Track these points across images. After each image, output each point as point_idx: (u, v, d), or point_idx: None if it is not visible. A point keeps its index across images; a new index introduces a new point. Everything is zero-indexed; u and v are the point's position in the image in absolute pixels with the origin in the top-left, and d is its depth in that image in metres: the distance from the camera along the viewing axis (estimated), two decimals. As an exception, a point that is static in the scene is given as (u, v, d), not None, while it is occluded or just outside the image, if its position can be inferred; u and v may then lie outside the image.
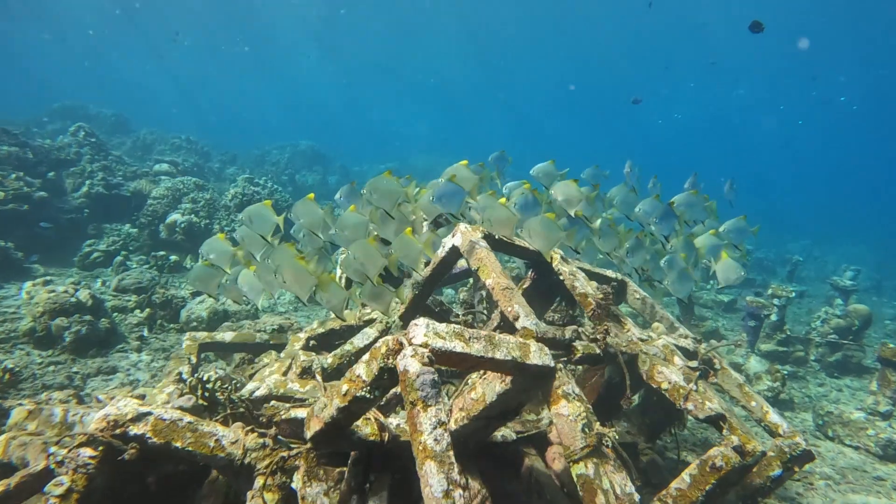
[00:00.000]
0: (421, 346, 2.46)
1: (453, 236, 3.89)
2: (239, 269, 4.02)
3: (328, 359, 4.06)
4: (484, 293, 5.48)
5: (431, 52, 54.22)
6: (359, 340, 4.16)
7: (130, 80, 47.90)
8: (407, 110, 68.61)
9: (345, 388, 2.66)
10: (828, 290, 15.55)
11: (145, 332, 6.95)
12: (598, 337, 3.56)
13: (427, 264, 5.09)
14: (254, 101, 58.74)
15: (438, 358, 2.50)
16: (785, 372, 7.91)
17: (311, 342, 4.57)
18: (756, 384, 7.06)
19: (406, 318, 4.15)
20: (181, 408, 3.25)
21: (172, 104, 45.62)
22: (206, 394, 3.33)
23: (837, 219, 35.74)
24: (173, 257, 9.94)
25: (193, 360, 4.72)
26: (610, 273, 5.12)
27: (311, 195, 3.90)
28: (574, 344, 3.47)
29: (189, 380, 3.38)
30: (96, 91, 36.94)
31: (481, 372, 3.10)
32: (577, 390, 3.04)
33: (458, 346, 2.54)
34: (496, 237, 4.00)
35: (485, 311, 5.35)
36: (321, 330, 4.56)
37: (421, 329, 2.48)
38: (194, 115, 41.38)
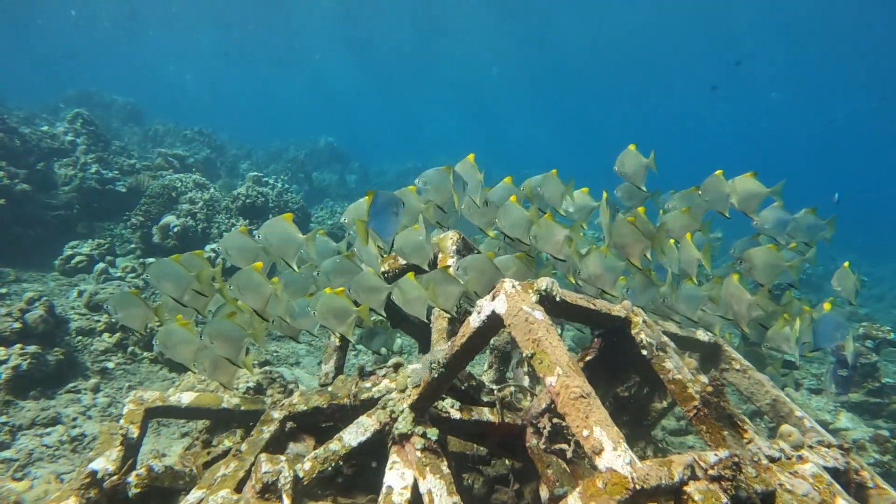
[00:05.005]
0: None
1: (494, 299, 2.59)
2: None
3: (305, 463, 2.80)
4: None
5: (459, 47, 52.45)
6: (350, 436, 2.89)
7: (151, 71, 47.40)
8: (432, 108, 67.33)
9: None
10: (896, 317, 13.93)
11: (110, 365, 5.79)
12: (723, 475, 2.24)
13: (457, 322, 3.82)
14: (275, 95, 58.04)
15: None
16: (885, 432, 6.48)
17: (289, 424, 3.32)
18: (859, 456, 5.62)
19: (419, 408, 2.87)
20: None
21: (192, 96, 45.01)
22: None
23: (879, 231, 33.37)
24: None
25: (134, 433, 3.50)
26: (701, 335, 3.77)
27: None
28: (688, 489, 2.16)
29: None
30: (117, 78, 36.32)
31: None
32: None
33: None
34: (557, 299, 2.69)
35: (527, 377, 4.04)
36: (303, 407, 3.30)
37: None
38: (214, 108, 40.69)
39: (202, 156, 16.42)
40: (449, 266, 3.59)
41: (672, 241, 3.82)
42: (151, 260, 8.71)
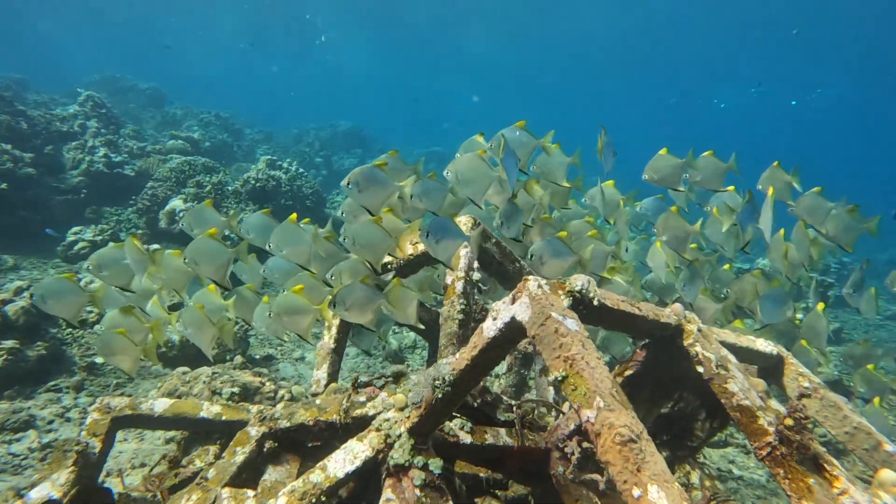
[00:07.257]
0: None
1: (514, 302, 2.01)
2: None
3: (280, 499, 2.28)
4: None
5: (486, 26, 50.90)
6: (336, 465, 2.35)
7: (175, 56, 47.37)
8: (457, 90, 65.96)
9: None
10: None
11: (98, 360, 5.38)
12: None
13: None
14: (296, 79, 57.66)
15: None
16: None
17: (268, 444, 2.81)
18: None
19: (420, 433, 2.33)
20: None
21: (213, 82, 44.87)
22: None
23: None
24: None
25: (96, 447, 3.04)
26: (762, 344, 3.14)
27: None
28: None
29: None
30: (142, 64, 36.27)
31: None
32: None
33: None
34: (595, 302, 2.10)
35: (552, 388, 3.47)
36: (285, 423, 2.78)
37: None
38: (234, 94, 40.45)
39: (220, 139, 16.08)
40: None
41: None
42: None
